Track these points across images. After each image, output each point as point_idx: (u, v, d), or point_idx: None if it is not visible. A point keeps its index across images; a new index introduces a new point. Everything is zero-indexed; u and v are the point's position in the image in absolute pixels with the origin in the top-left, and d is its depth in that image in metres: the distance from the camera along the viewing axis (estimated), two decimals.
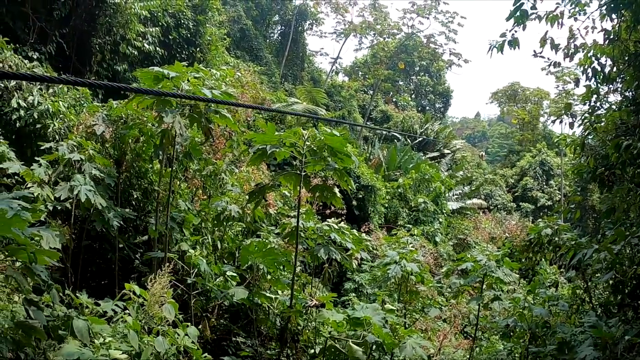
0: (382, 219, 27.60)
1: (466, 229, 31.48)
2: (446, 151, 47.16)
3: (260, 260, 9.20)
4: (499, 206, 48.53)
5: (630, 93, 11.00)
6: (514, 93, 63.32)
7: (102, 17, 16.50)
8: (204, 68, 9.24)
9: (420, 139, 45.98)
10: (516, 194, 52.45)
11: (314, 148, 8.42)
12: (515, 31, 9.43)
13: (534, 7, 9.21)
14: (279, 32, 43.72)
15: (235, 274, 9.76)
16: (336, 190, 9.10)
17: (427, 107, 59.84)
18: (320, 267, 13.44)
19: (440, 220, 30.76)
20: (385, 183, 29.65)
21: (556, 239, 12.04)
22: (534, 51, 10.22)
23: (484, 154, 79.10)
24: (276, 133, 8.27)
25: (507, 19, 9.33)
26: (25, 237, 5.17)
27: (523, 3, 9.06)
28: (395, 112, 49.57)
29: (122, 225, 10.17)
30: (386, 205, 28.48)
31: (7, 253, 5.27)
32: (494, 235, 33.89)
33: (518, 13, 9.17)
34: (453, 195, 36.77)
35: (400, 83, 58.93)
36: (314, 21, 44.08)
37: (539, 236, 12.28)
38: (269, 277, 9.85)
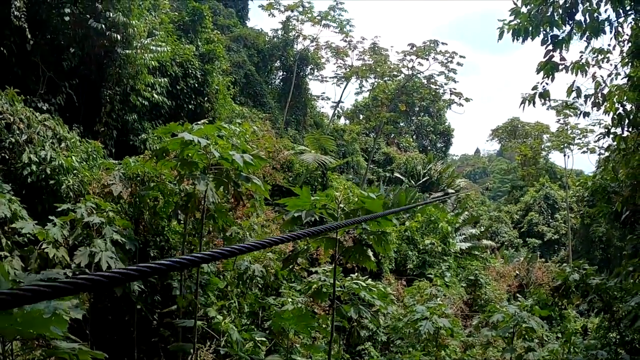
0: (392, 264, 27.22)
1: (476, 270, 31.09)
2: (450, 191, 46.90)
3: (294, 326, 8.84)
4: (505, 243, 48.12)
5: None
6: (514, 129, 63.55)
7: (112, 67, 16.40)
8: (226, 126, 9.03)
9: (423, 179, 45.88)
10: (522, 229, 52.09)
11: (347, 210, 8.12)
12: (547, 83, 9.31)
13: (563, 59, 9.10)
14: (280, 77, 43.84)
15: (264, 339, 9.41)
16: (370, 253, 8.79)
17: (429, 147, 59.76)
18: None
19: (449, 261, 30.37)
20: (393, 227, 29.29)
21: (582, 284, 11.95)
22: (566, 102, 10.14)
23: (489, 185, 79.09)
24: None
25: (538, 72, 9.22)
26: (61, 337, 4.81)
27: (553, 55, 8.95)
28: (398, 154, 49.52)
29: (142, 289, 9.84)
30: (395, 249, 28.12)
31: (45, 354, 4.90)
32: (503, 274, 33.62)
33: (548, 65, 9.05)
34: (461, 235, 36.41)
35: (402, 124, 59.02)
36: (315, 66, 44.22)
37: (565, 281, 12.18)
38: (302, 341, 9.48)
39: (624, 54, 10.22)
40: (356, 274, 11.37)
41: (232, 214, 10.81)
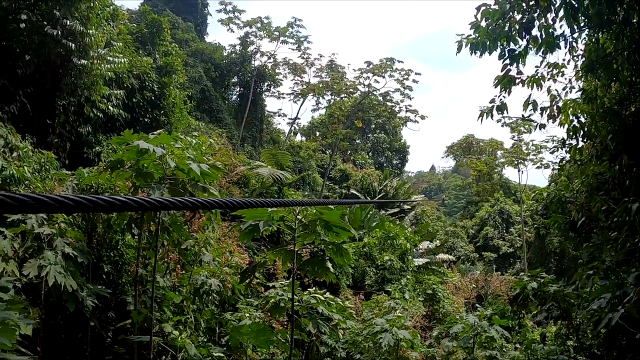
0: (349, 280, 27.17)
1: (434, 284, 31.28)
2: (406, 207, 47.27)
3: (252, 340, 8.65)
4: (462, 257, 48.71)
5: (605, 144, 11.18)
6: (468, 145, 64.36)
7: (68, 77, 15.96)
8: (182, 137, 8.86)
9: (379, 196, 46.06)
10: (478, 244, 52.84)
11: (305, 222, 8.01)
12: (504, 97, 9.46)
13: (520, 73, 9.27)
14: (237, 93, 43.58)
15: (222, 354, 9.17)
16: (329, 264, 8.69)
17: (385, 164, 60.19)
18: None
19: (408, 277, 30.45)
20: (350, 243, 29.28)
21: (540, 292, 12.06)
22: (522, 115, 10.29)
23: (445, 198, 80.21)
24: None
25: (495, 86, 9.36)
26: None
27: (510, 69, 9.10)
28: (354, 171, 49.66)
29: (95, 304, 9.49)
30: (353, 265, 28.06)
31: None
32: (459, 286, 33.92)
33: (505, 79, 9.21)
34: (419, 250, 36.62)
35: (358, 141, 59.32)
36: (272, 82, 44.10)
37: (522, 290, 12.32)
38: (259, 357, 9.29)
39: (578, 68, 10.50)
40: (314, 288, 11.26)
41: (187, 227, 10.57)
